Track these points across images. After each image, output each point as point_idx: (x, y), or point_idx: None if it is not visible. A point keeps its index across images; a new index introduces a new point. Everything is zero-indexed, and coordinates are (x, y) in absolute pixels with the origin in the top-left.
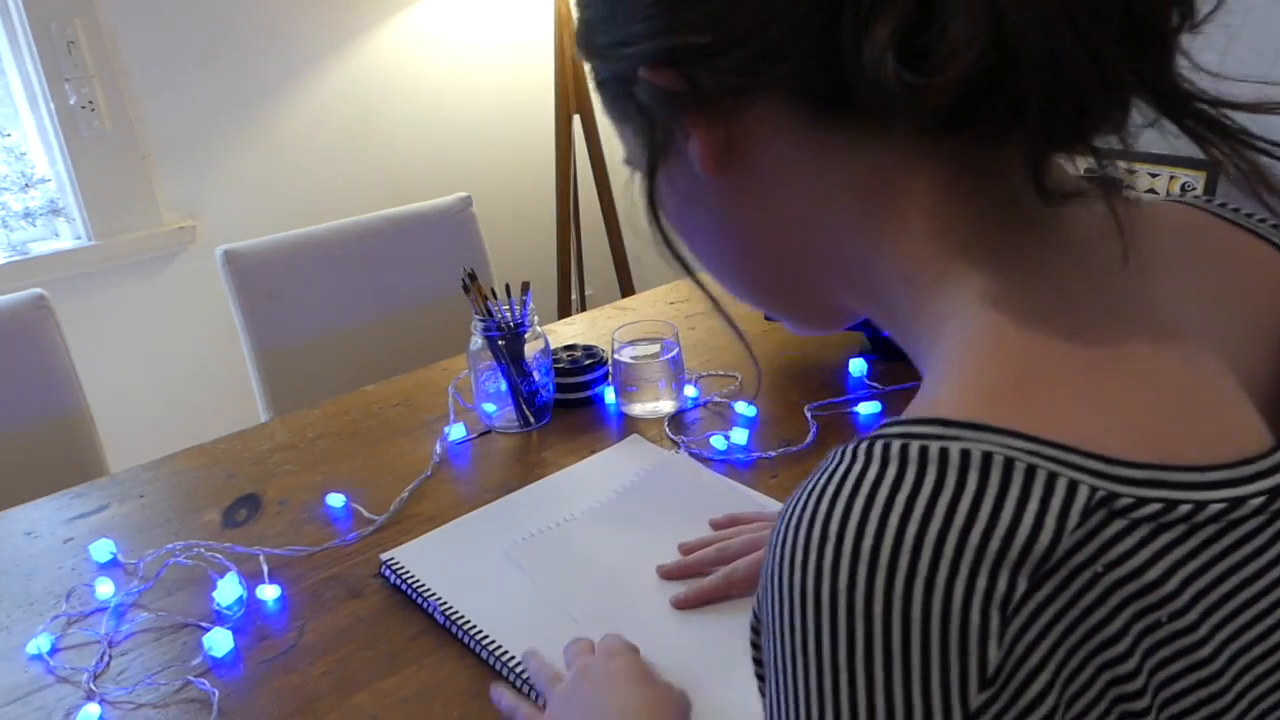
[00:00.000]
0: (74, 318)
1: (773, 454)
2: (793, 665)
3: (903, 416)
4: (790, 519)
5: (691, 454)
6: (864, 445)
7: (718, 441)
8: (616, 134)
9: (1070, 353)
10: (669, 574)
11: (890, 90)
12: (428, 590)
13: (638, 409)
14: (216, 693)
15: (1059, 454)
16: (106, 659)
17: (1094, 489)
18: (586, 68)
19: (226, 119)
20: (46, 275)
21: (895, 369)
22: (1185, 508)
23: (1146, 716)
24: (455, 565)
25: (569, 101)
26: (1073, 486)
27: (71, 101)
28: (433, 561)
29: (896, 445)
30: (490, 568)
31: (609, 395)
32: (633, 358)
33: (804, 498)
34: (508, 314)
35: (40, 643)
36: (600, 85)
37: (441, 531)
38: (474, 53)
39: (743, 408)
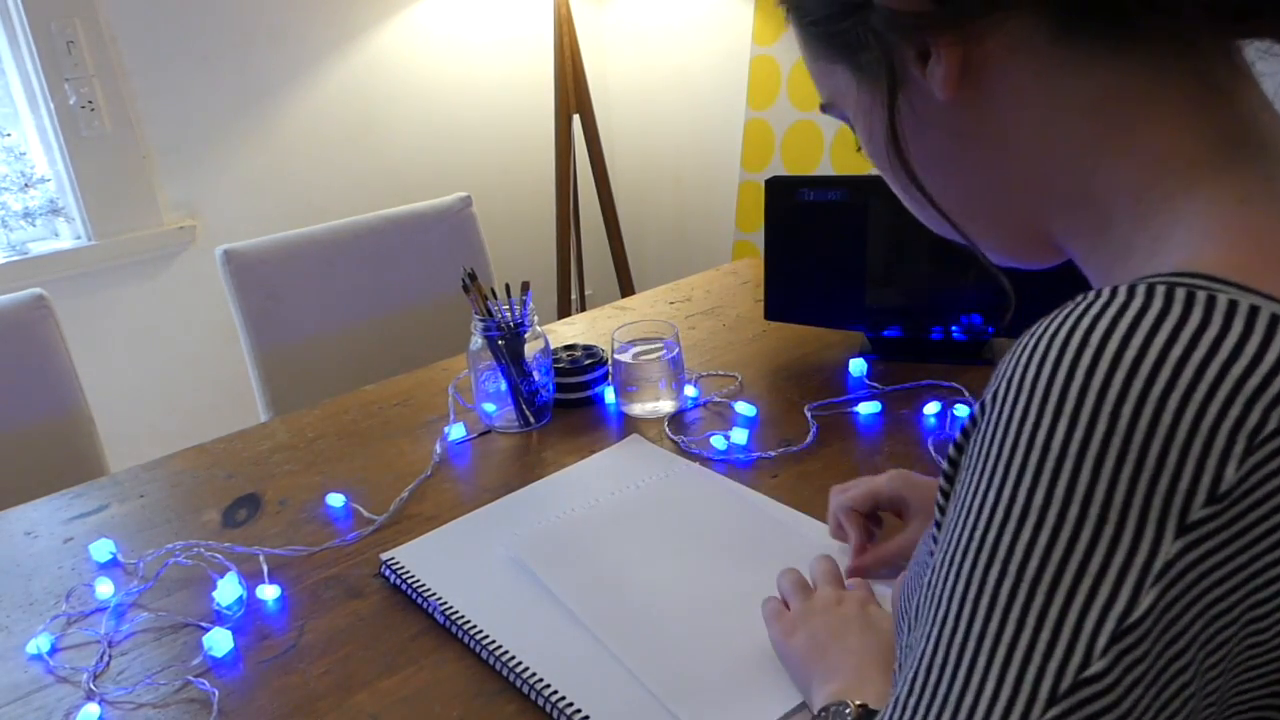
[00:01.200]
0: (74, 318)
1: (772, 454)
2: (1011, 462)
3: (1154, 272)
4: (1046, 329)
5: (691, 454)
6: (1124, 286)
7: (718, 441)
8: (817, 75)
9: None
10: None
11: None
12: (428, 590)
13: (638, 409)
14: (216, 693)
15: None
16: (106, 659)
17: None
18: (786, 14)
19: (226, 119)
20: (46, 275)
21: (895, 369)
22: None
23: None
24: (455, 565)
25: (569, 101)
26: None
27: (71, 101)
28: (433, 561)
29: (1162, 288)
30: (490, 567)
31: (609, 395)
32: (633, 358)
33: (1062, 315)
34: (508, 314)
35: (40, 643)
36: (812, 25)
37: (441, 531)
38: (474, 52)
39: (743, 407)
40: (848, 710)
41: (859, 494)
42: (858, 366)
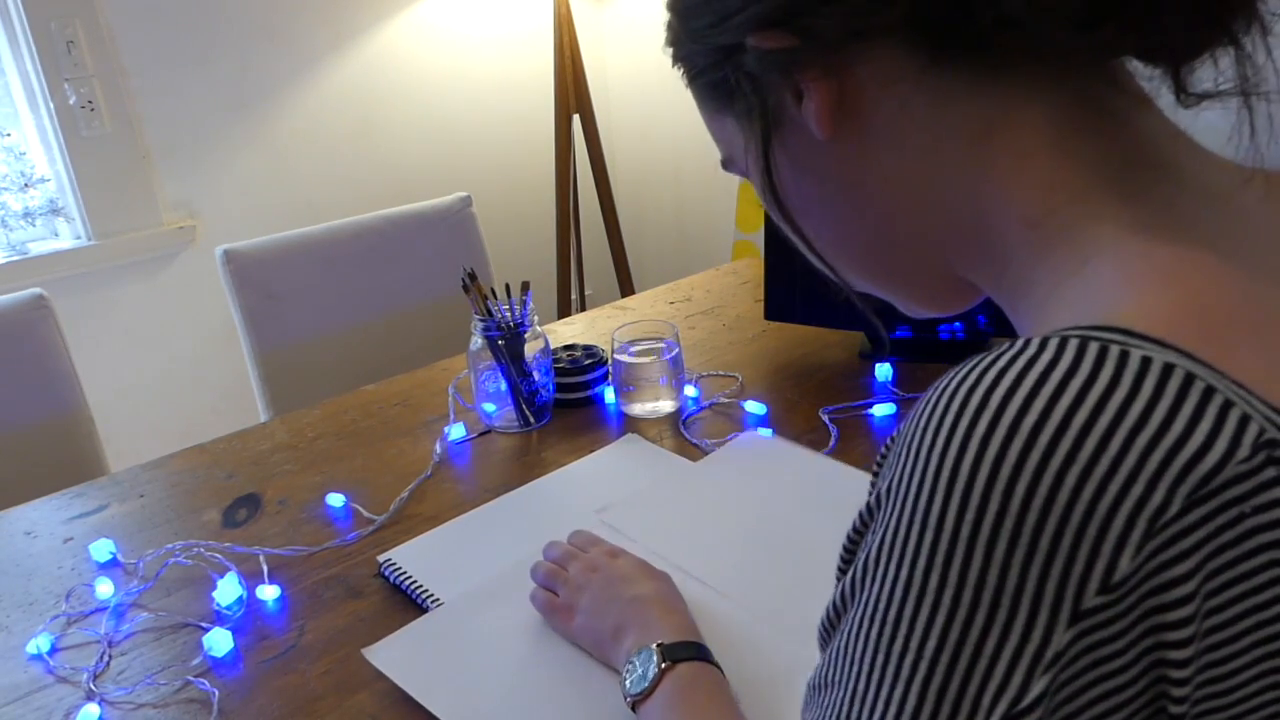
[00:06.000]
0: (74, 318)
1: None
2: (910, 536)
3: (1074, 324)
4: (947, 388)
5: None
6: (1037, 339)
7: None
8: (713, 131)
9: (1231, 294)
10: None
11: None
12: (425, 591)
13: (638, 409)
14: (216, 693)
15: (1235, 387)
16: (106, 659)
17: (1263, 429)
18: (677, 71)
19: (226, 119)
20: (46, 275)
21: (901, 369)
22: None
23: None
24: (454, 565)
25: (569, 101)
26: (1244, 420)
27: (71, 101)
28: (431, 562)
29: (1075, 341)
30: (489, 567)
31: (609, 395)
32: (633, 358)
33: (965, 370)
34: (508, 314)
35: (40, 643)
36: (697, 78)
37: (440, 531)
38: (474, 52)
39: (753, 406)
40: (651, 653)
41: None
42: (883, 372)
